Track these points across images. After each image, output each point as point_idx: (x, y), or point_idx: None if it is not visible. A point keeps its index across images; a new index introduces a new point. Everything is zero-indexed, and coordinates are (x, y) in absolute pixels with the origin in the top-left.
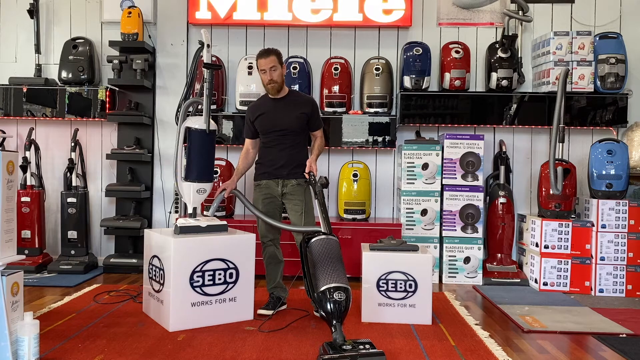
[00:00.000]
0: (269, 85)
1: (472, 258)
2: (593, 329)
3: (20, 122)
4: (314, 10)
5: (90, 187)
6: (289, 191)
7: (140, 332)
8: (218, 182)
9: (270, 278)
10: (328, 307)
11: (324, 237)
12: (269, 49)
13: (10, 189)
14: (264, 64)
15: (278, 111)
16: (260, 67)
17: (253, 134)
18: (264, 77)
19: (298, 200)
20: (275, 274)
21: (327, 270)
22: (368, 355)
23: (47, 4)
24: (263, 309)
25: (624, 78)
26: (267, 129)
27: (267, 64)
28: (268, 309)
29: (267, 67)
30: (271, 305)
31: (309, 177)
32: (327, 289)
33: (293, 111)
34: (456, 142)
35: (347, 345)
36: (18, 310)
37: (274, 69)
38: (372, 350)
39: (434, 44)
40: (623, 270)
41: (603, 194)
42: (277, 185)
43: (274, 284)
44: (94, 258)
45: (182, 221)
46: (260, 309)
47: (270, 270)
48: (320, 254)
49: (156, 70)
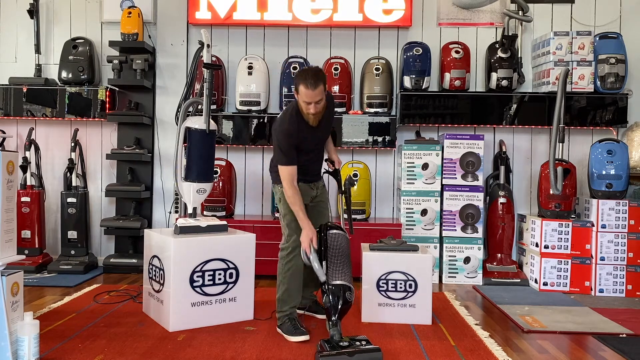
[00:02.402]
0: (311, 117)
1: (472, 258)
2: (593, 329)
3: (20, 122)
4: (314, 10)
5: (90, 187)
6: (319, 192)
7: (140, 332)
8: (218, 182)
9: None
10: (337, 303)
11: (344, 234)
12: (316, 75)
13: (10, 189)
14: (311, 96)
15: (318, 133)
16: (305, 98)
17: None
18: (307, 107)
19: (324, 203)
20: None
21: (344, 268)
22: (364, 352)
23: (47, 4)
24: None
25: (624, 78)
26: (307, 149)
27: (315, 97)
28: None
29: (313, 100)
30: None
31: (332, 170)
32: (342, 285)
33: (325, 126)
34: (456, 142)
35: (344, 341)
36: (18, 310)
37: (320, 101)
38: (369, 346)
39: (434, 44)
40: (623, 270)
41: (603, 194)
42: (312, 189)
43: (294, 302)
44: (94, 258)
45: (182, 221)
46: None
47: (294, 284)
48: (339, 248)
49: (156, 70)
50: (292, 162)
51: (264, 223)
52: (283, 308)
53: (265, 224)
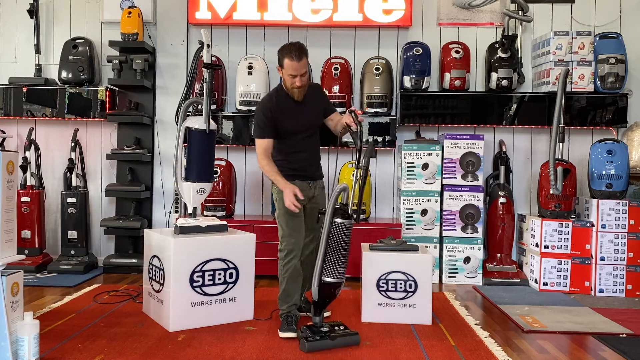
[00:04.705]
0: (296, 90)
1: (472, 258)
2: (593, 329)
3: (20, 122)
4: (314, 10)
5: (90, 187)
6: (318, 193)
7: (140, 332)
8: (218, 182)
9: (289, 294)
10: (324, 299)
11: (348, 223)
12: (301, 48)
13: (10, 189)
14: (296, 68)
15: (302, 111)
16: (290, 70)
17: (273, 134)
18: (292, 80)
19: (321, 204)
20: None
21: (339, 263)
22: (345, 335)
23: (47, 4)
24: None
25: (624, 78)
26: (290, 131)
27: (300, 69)
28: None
29: (299, 73)
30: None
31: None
32: (334, 283)
33: (311, 107)
34: (456, 142)
35: (325, 327)
36: (18, 310)
37: (305, 73)
38: (347, 330)
39: (434, 44)
40: (623, 270)
41: (603, 194)
42: (310, 188)
43: (293, 301)
44: (94, 258)
45: (182, 221)
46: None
47: (291, 285)
48: (339, 241)
49: (156, 70)
50: (266, 136)
51: (264, 223)
52: (281, 307)
53: (265, 224)
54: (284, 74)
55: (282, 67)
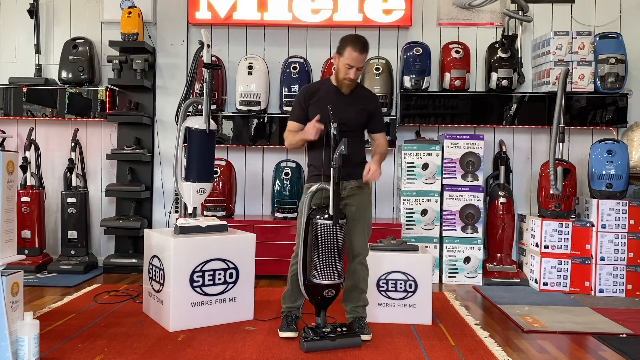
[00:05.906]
0: (346, 82)
1: (472, 258)
2: (593, 329)
3: (20, 122)
4: (314, 10)
5: (90, 187)
6: (348, 194)
7: (140, 332)
8: (218, 182)
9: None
10: (312, 299)
11: (326, 224)
12: (365, 44)
13: (10, 189)
14: (356, 59)
15: (338, 102)
16: (349, 60)
17: (303, 119)
18: (347, 71)
19: (355, 208)
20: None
21: (323, 264)
22: (345, 337)
23: (47, 4)
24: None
25: (624, 78)
26: (321, 119)
27: (359, 62)
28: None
29: (357, 65)
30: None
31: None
32: (320, 284)
33: (354, 105)
34: (456, 142)
35: (327, 328)
36: (18, 310)
37: (360, 69)
38: (349, 332)
39: (434, 44)
40: (623, 270)
41: (603, 194)
42: (341, 190)
43: (294, 302)
44: (94, 258)
45: (182, 221)
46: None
47: (295, 286)
48: (320, 242)
49: (156, 70)
50: (294, 119)
51: (264, 223)
52: (284, 305)
53: (265, 224)
54: (340, 63)
55: (340, 55)
